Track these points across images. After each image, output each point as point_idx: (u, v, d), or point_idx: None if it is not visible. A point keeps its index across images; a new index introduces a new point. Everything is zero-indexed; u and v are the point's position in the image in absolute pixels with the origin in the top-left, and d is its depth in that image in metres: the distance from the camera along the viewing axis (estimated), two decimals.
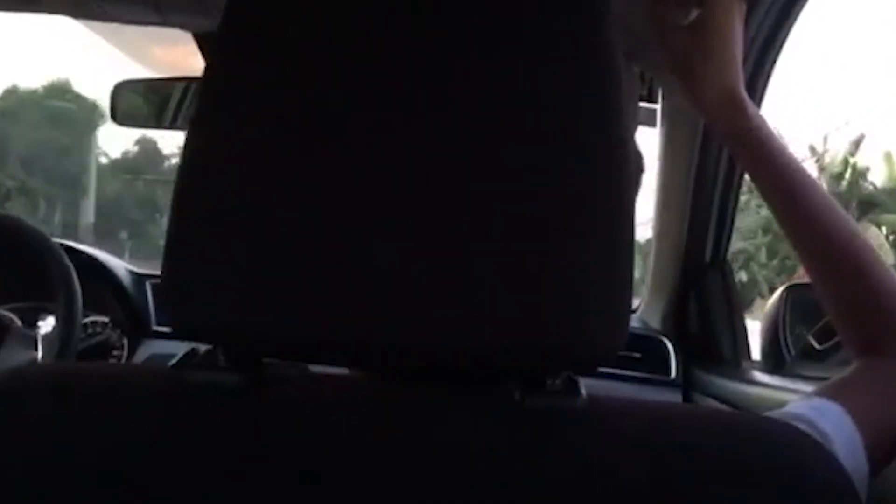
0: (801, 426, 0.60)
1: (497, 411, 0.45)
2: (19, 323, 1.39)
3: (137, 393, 0.46)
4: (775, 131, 0.75)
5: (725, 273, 1.50)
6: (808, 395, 0.66)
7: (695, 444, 0.45)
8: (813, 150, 20.61)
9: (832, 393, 0.65)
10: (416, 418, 0.45)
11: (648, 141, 1.39)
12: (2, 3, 1.16)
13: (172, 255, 0.44)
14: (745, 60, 0.82)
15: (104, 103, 1.57)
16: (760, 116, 0.75)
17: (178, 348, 0.46)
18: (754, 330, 1.49)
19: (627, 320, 0.44)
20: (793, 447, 0.46)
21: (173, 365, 0.46)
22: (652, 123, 1.38)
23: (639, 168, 0.79)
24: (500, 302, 0.42)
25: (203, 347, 0.47)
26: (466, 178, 0.42)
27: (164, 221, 0.46)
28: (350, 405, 0.46)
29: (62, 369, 0.56)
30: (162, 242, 0.44)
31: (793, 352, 1.37)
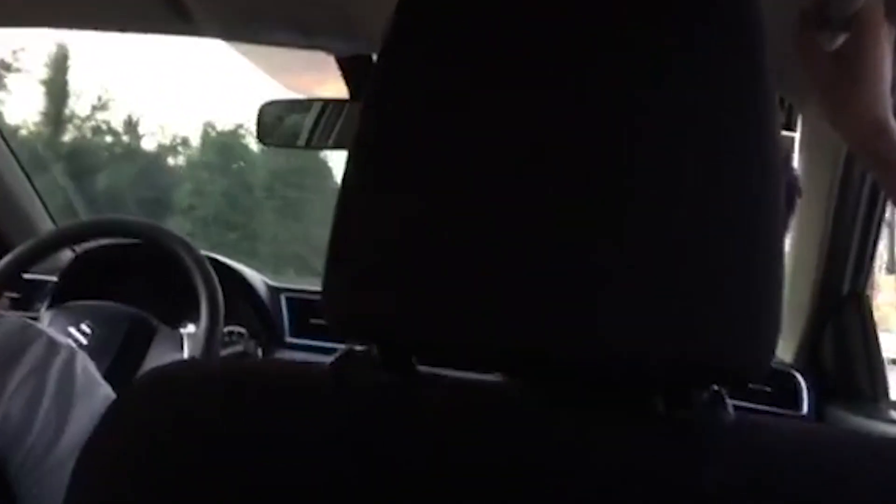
0: None
1: (644, 423, 0.46)
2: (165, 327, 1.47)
3: (297, 388, 0.49)
4: None
5: (864, 307, 1.45)
6: None
7: (847, 465, 0.45)
8: None
9: None
10: (565, 427, 0.46)
11: None
12: (159, 26, 1.24)
13: (335, 257, 0.46)
14: (894, 85, 0.80)
15: None
16: None
17: (311, 360, 0.49)
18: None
19: (776, 337, 0.44)
20: None
21: (332, 363, 0.48)
22: (790, 151, 1.35)
23: (795, 190, 0.78)
24: (651, 313, 0.42)
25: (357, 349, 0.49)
26: (628, 193, 0.43)
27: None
28: (499, 410, 0.47)
29: (236, 364, 0.60)
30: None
31: None
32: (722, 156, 0.43)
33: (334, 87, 1.58)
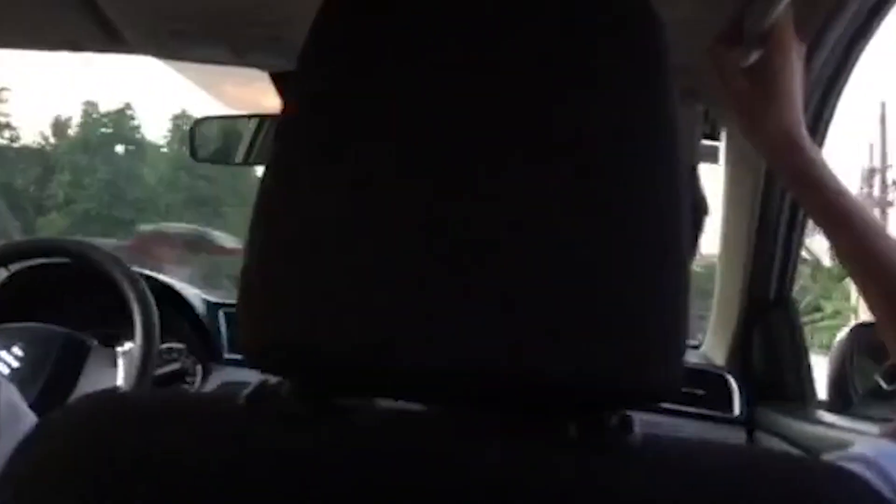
0: (862, 467, 0.60)
1: (557, 449, 0.46)
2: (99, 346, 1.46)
3: (210, 419, 0.48)
4: (836, 173, 0.76)
5: (790, 310, 1.49)
6: (875, 437, 0.66)
7: (748, 487, 0.45)
8: None
9: None
10: (474, 453, 0.46)
11: (711, 177, 1.40)
12: (90, 44, 1.23)
13: (246, 290, 0.46)
14: (807, 101, 0.83)
15: None
16: (821, 158, 0.76)
17: (250, 376, 0.48)
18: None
19: (682, 358, 0.44)
20: (845, 492, 0.46)
21: (247, 395, 0.48)
22: (714, 160, 1.39)
23: (702, 210, 0.80)
24: (559, 337, 0.43)
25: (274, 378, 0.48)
26: (534, 212, 0.43)
27: None
28: (411, 438, 0.47)
29: (155, 396, 0.59)
30: None
31: (860, 392, 1.36)
32: (628, 180, 0.44)
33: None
